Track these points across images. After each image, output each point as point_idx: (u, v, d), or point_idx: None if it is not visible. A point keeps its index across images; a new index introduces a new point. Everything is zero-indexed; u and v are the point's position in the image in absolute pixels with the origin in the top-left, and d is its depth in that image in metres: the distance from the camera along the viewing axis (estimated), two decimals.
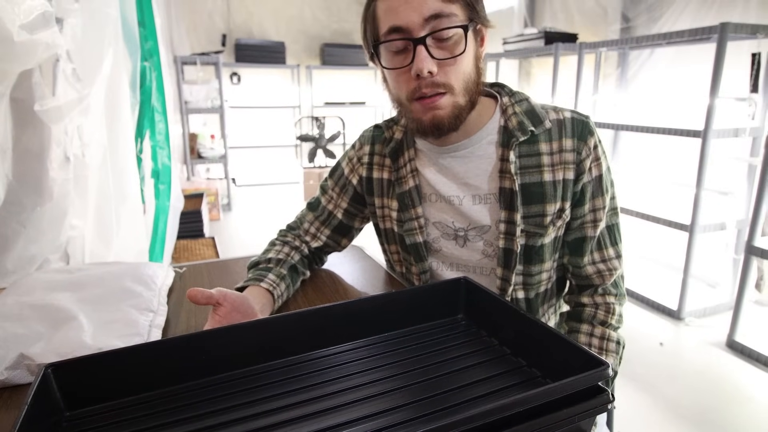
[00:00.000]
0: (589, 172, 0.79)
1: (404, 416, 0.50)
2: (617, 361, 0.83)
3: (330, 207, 0.95)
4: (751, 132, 2.19)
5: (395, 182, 0.87)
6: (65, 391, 0.52)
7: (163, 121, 1.94)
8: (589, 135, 0.79)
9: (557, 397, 0.45)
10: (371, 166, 0.91)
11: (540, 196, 0.78)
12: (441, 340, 0.65)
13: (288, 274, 0.87)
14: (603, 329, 0.83)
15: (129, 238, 1.47)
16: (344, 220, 0.95)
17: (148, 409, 0.53)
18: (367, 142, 0.92)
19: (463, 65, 0.72)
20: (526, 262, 0.82)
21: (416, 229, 0.85)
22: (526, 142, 0.79)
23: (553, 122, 0.79)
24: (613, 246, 0.84)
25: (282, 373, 0.59)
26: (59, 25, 0.94)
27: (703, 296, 2.47)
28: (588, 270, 0.84)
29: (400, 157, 0.87)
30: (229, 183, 4.50)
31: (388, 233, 0.92)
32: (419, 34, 0.69)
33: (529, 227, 0.79)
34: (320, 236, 0.96)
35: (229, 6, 5.02)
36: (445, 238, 0.85)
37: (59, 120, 0.98)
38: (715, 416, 1.69)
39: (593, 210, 0.81)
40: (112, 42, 1.26)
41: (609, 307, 0.84)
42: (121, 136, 1.43)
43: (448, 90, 0.73)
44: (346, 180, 0.94)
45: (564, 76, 3.01)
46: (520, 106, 0.81)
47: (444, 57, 0.71)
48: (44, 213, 0.99)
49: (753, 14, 2.45)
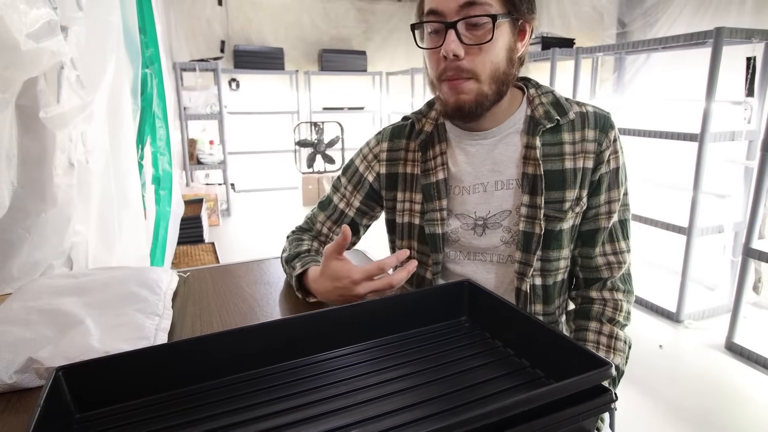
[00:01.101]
0: (607, 163, 0.83)
1: (409, 417, 0.51)
2: (624, 361, 0.84)
3: (342, 205, 0.97)
4: (747, 135, 2.21)
5: (421, 174, 0.89)
6: (75, 393, 0.52)
7: (163, 128, 1.95)
8: (610, 128, 0.83)
9: (561, 397, 0.45)
10: (394, 162, 0.93)
11: (560, 182, 0.82)
12: (445, 342, 0.66)
13: None
14: (611, 327, 0.84)
15: (131, 243, 1.47)
16: (356, 218, 0.97)
17: (156, 411, 0.53)
18: (386, 138, 0.94)
19: (491, 54, 0.75)
20: (545, 247, 0.84)
21: (437, 220, 0.88)
22: (550, 131, 0.82)
23: (576, 114, 0.83)
24: (624, 240, 0.86)
25: (288, 375, 0.59)
26: (64, 33, 0.95)
27: (702, 299, 2.49)
28: (598, 261, 0.86)
29: (429, 150, 0.89)
30: (228, 189, 4.51)
31: (404, 227, 0.93)
32: (452, 19, 0.73)
33: (549, 212, 0.82)
34: (333, 236, 0.97)
35: (227, 12, 5.04)
36: (464, 229, 0.88)
37: (63, 127, 0.99)
38: (715, 418, 1.70)
39: (609, 201, 0.84)
40: (115, 49, 1.27)
41: (617, 303, 0.86)
42: (123, 142, 1.44)
43: (473, 76, 0.76)
44: (360, 177, 0.96)
45: (561, 81, 3.03)
46: (546, 97, 0.85)
47: (472, 43, 0.74)
48: (48, 219, 1.00)
49: (747, 19, 2.47)
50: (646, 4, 3.07)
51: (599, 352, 0.83)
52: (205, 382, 0.58)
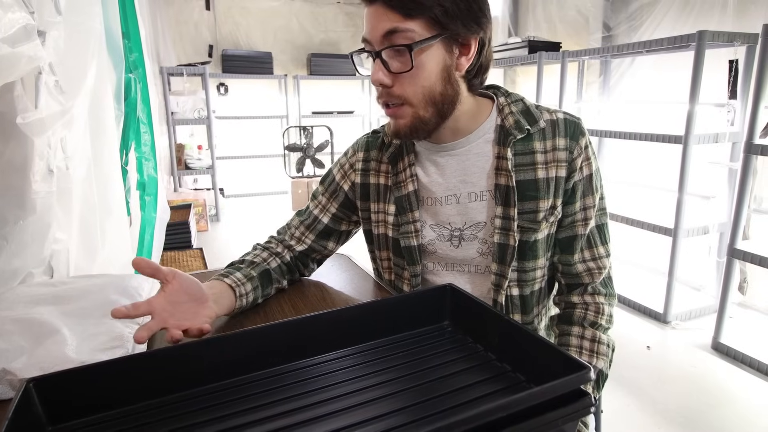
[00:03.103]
0: (580, 170, 0.83)
1: (390, 424, 0.50)
2: (607, 364, 0.84)
3: (316, 212, 0.97)
4: (731, 137, 2.24)
5: (393, 187, 0.89)
6: (47, 405, 0.51)
7: (148, 133, 1.94)
8: (581, 135, 0.82)
9: (540, 402, 0.45)
10: (367, 173, 0.92)
11: (534, 192, 0.81)
12: (427, 347, 0.66)
13: (258, 277, 0.87)
14: (593, 331, 0.85)
15: (114, 250, 1.45)
16: (330, 224, 0.96)
17: (133, 422, 0.52)
18: (361, 149, 0.94)
19: (419, 79, 0.74)
20: (520, 258, 0.84)
21: (412, 233, 0.87)
22: (521, 140, 0.82)
23: (546, 122, 0.83)
24: (602, 245, 0.86)
25: (269, 383, 0.59)
26: (41, 37, 0.94)
27: (689, 299, 2.51)
28: (578, 268, 0.86)
29: (399, 162, 0.89)
30: (217, 193, 4.48)
31: (381, 239, 0.93)
32: (378, 48, 0.73)
33: (523, 223, 0.82)
34: (305, 240, 0.96)
35: (215, 17, 5.02)
36: (440, 240, 0.87)
37: (42, 133, 0.98)
38: (702, 418, 1.71)
39: (584, 208, 0.84)
40: (96, 54, 1.26)
41: (599, 307, 0.86)
42: (106, 148, 1.42)
43: (405, 102, 0.76)
44: (337, 186, 0.96)
45: (548, 84, 3.05)
46: (516, 106, 0.84)
47: (396, 71, 0.74)
48: (27, 226, 0.98)
49: (729, 22, 2.51)
50: (630, 8, 3.10)
51: (582, 356, 0.83)
52: (182, 392, 0.57)
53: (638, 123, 2.89)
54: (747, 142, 1.93)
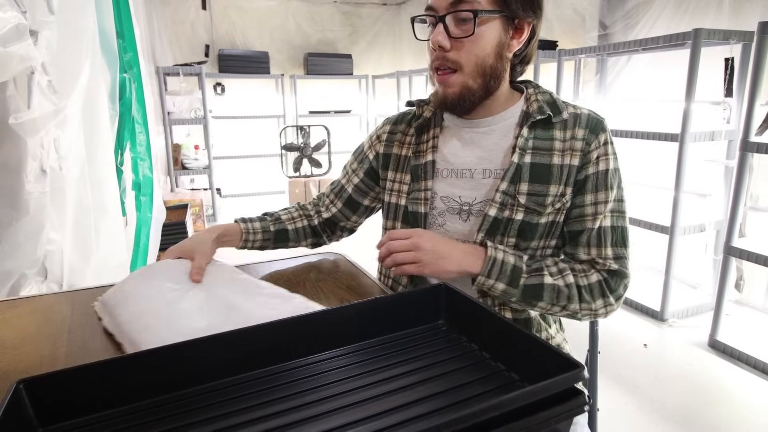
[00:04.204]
0: (595, 164, 0.83)
1: (384, 423, 0.50)
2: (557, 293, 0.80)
3: (344, 181, 1.05)
4: (727, 135, 2.24)
5: (413, 156, 0.93)
6: (39, 406, 0.51)
7: (143, 133, 1.93)
8: (602, 131, 0.84)
9: (533, 401, 0.45)
10: (391, 143, 0.98)
11: (546, 176, 0.83)
12: (422, 347, 0.66)
13: (275, 230, 1.03)
14: (567, 268, 0.83)
15: (109, 251, 1.45)
16: (354, 196, 1.03)
17: (125, 423, 0.52)
18: (390, 122, 1.01)
19: (476, 47, 0.79)
20: (520, 236, 0.85)
21: (422, 200, 0.90)
22: (543, 127, 0.85)
23: (570, 115, 0.85)
24: (613, 247, 0.83)
25: (263, 382, 0.58)
26: (34, 37, 0.93)
27: (686, 297, 2.51)
28: (582, 258, 0.85)
29: (424, 133, 0.94)
30: (214, 193, 4.47)
31: (391, 207, 0.97)
32: (442, 13, 0.79)
33: (529, 204, 0.83)
34: (332, 207, 1.06)
35: (212, 16, 5.01)
36: (450, 212, 0.90)
37: (35, 133, 0.97)
38: (699, 415, 1.71)
39: (595, 203, 0.84)
40: (90, 54, 1.25)
41: (587, 270, 0.83)
42: (100, 148, 1.42)
43: (457, 68, 0.81)
44: (363, 155, 1.03)
45: (545, 83, 3.04)
46: (543, 96, 0.88)
47: (457, 36, 0.79)
48: (20, 227, 0.97)
49: (725, 20, 2.51)
50: (626, 6, 3.10)
51: (545, 270, 0.81)
52: (175, 392, 0.56)
53: (635, 121, 2.89)
54: (743, 140, 1.93)
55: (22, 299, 0.90)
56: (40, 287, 1.10)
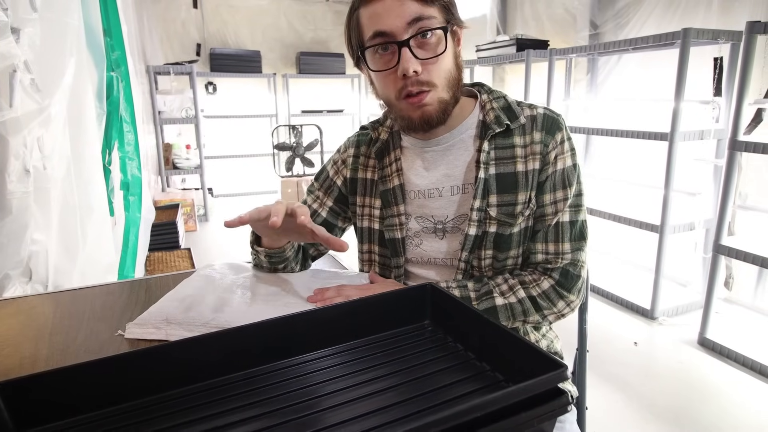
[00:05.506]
0: (553, 163, 0.83)
1: (369, 424, 0.50)
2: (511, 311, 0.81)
3: (315, 206, 0.99)
4: (716, 134, 2.26)
5: (379, 181, 0.91)
6: (16, 410, 0.50)
7: (132, 132, 1.91)
8: (557, 130, 0.84)
9: (516, 401, 0.45)
10: (356, 168, 0.95)
11: (513, 185, 0.83)
12: (408, 347, 0.65)
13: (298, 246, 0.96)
14: (517, 283, 0.83)
15: (96, 251, 1.43)
16: (329, 218, 0.99)
17: (109, 425, 0.51)
18: (352, 145, 0.97)
19: (444, 63, 0.78)
20: (496, 248, 0.85)
21: (396, 225, 0.89)
22: (502, 135, 0.84)
23: (527, 118, 0.85)
24: (570, 241, 0.84)
25: (250, 383, 0.58)
26: (15, 34, 0.92)
27: (675, 295, 2.53)
28: (538, 257, 0.85)
29: (385, 157, 0.92)
30: (206, 193, 4.45)
31: (365, 231, 0.95)
32: (403, 37, 0.75)
33: (500, 216, 0.83)
34: None
35: (203, 15, 4.98)
36: (425, 232, 0.89)
37: (17, 132, 0.96)
38: (689, 413, 1.72)
39: (554, 202, 0.84)
40: (75, 52, 1.24)
41: (538, 280, 0.83)
42: (87, 147, 1.40)
43: (431, 87, 0.78)
44: (331, 182, 0.99)
45: (536, 82, 3.06)
46: (497, 102, 0.87)
47: (427, 57, 0.76)
48: (3, 228, 0.96)
49: (714, 20, 2.53)
50: (617, 6, 3.12)
51: (495, 290, 0.82)
52: (162, 393, 0.55)
53: (625, 120, 2.90)
54: (732, 139, 1.94)
55: (5, 300, 0.89)
56: (24, 288, 1.09)
